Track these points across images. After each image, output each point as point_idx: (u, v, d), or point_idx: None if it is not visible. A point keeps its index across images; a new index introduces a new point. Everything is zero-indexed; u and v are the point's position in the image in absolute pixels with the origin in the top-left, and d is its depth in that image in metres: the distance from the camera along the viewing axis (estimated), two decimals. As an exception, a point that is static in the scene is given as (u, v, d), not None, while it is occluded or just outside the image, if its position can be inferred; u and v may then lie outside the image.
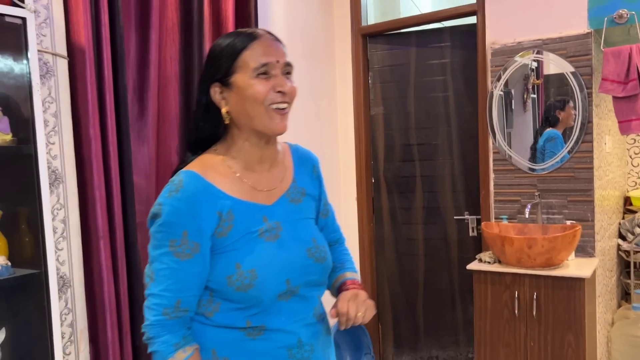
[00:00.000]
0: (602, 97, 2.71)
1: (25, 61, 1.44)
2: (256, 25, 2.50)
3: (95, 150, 1.76)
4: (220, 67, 1.08)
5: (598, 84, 2.54)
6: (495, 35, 2.77)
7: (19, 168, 1.47)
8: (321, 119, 3.19)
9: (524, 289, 2.42)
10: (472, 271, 2.56)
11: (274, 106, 1.08)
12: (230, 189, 1.09)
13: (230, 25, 2.40)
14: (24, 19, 1.41)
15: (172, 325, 1.04)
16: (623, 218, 3.51)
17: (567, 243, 2.35)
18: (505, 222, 2.73)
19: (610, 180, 3.12)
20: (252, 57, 1.06)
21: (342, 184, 3.35)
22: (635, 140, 3.91)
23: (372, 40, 3.27)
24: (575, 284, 2.31)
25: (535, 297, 2.39)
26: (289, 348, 1.10)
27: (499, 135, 2.78)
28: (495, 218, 2.82)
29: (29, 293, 1.49)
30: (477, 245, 3.00)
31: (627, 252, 3.28)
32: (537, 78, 2.66)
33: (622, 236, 3.39)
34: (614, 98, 2.45)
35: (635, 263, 3.30)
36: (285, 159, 1.22)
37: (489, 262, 2.56)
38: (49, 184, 1.62)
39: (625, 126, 2.44)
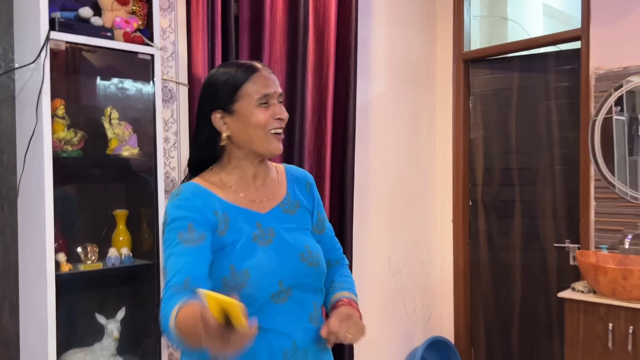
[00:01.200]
0: None
1: (151, 89, 1.77)
2: (355, 55, 2.70)
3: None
4: (223, 96, 1.21)
5: None
6: (600, 61, 2.70)
7: (143, 176, 1.80)
8: (421, 142, 3.30)
9: (619, 322, 2.32)
10: (564, 299, 2.50)
11: (273, 131, 1.21)
12: (225, 196, 1.21)
13: (332, 55, 2.62)
14: (152, 55, 1.75)
15: (181, 294, 1.05)
16: None
17: (668, 277, 2.22)
18: (604, 251, 2.63)
19: None
20: (254, 88, 1.20)
21: (439, 205, 3.42)
22: None
23: (474, 65, 3.33)
24: (677, 321, 2.17)
25: (631, 331, 2.28)
26: (284, 350, 1.16)
27: (600, 162, 2.69)
28: (595, 247, 2.72)
29: (145, 280, 1.81)
30: (577, 274, 2.90)
31: None
32: (644, 103, 2.56)
33: None
34: None
35: None
36: (280, 177, 1.34)
37: (582, 292, 2.48)
38: (167, 190, 1.94)
39: None
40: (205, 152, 1.26)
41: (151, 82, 1.78)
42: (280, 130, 1.23)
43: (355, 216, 2.73)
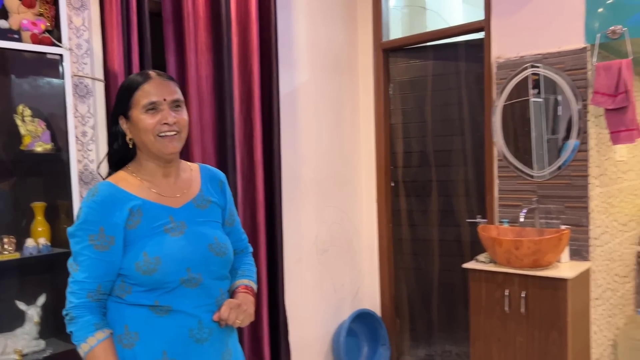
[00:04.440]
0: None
1: (63, 87, 1.86)
2: (276, 46, 2.83)
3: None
4: (122, 103, 1.37)
5: (594, 96, 2.65)
6: (501, 50, 2.94)
7: (58, 170, 1.90)
8: (344, 128, 3.48)
9: (513, 288, 2.59)
10: (468, 269, 2.75)
11: (162, 134, 1.34)
12: (139, 193, 1.36)
13: (255, 47, 2.74)
14: (61, 55, 1.83)
15: (95, 307, 1.30)
16: (647, 226, 3.51)
17: (552, 245, 2.50)
18: (506, 225, 2.89)
19: (625, 187, 3.17)
20: (142, 95, 1.34)
21: (363, 188, 3.63)
22: (667, 148, 3.87)
23: (393, 54, 3.53)
24: (559, 284, 2.45)
25: (523, 295, 2.55)
26: (190, 328, 1.33)
27: (502, 143, 2.94)
28: (499, 222, 2.98)
29: (64, 267, 1.90)
30: (485, 247, 3.17)
31: (646, 260, 3.31)
32: (540, 90, 2.81)
33: (643, 244, 3.41)
34: (606, 110, 2.56)
35: (657, 271, 3.32)
36: (193, 175, 1.49)
37: (484, 262, 2.74)
38: (86, 182, 2.05)
39: (615, 136, 2.55)
40: (119, 152, 1.42)
41: (62, 81, 1.87)
42: (171, 133, 1.35)
43: (285, 200, 2.90)
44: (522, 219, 2.75)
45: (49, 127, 1.88)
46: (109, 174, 1.43)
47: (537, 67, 2.79)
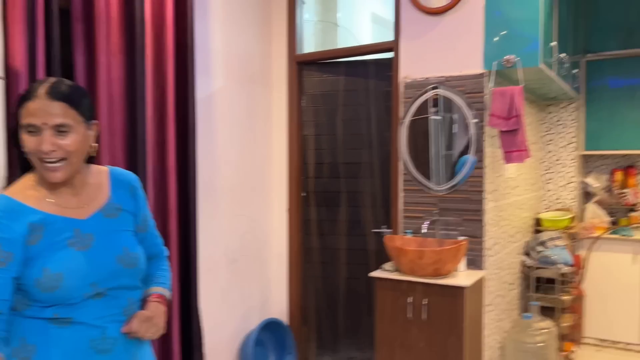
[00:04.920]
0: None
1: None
2: (192, 52, 2.79)
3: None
4: (15, 115, 1.29)
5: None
6: (408, 70, 3.12)
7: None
8: (257, 137, 3.50)
9: (416, 295, 2.75)
10: (374, 278, 2.88)
11: (43, 160, 1.26)
12: (40, 206, 1.29)
13: (170, 49, 2.68)
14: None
15: None
16: (531, 237, 3.87)
17: (452, 255, 2.68)
18: (409, 235, 3.06)
19: (513, 202, 3.48)
20: (24, 115, 1.25)
21: (275, 197, 3.66)
22: (549, 167, 4.30)
23: (306, 67, 3.61)
24: (457, 291, 2.64)
25: (425, 302, 2.71)
26: (91, 339, 1.29)
27: (407, 158, 3.11)
28: (403, 232, 3.14)
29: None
30: (390, 256, 3.33)
31: (529, 268, 3.64)
32: (440, 110, 3.01)
33: (527, 253, 3.76)
34: (500, 131, 2.81)
35: (539, 278, 3.66)
36: (102, 181, 1.42)
37: (390, 271, 2.88)
38: (-19, 187, 1.89)
39: (508, 156, 2.80)
40: (21, 160, 1.33)
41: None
42: (51, 160, 1.25)
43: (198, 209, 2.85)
44: (424, 230, 2.93)
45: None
46: (12, 180, 1.36)
47: (440, 88, 2.99)
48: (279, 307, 3.67)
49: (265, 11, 3.55)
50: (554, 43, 3.06)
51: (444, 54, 3.00)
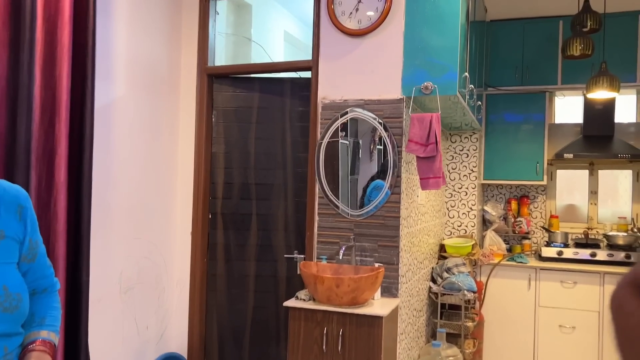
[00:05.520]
0: (413, 155, 3.06)
1: None
2: (93, 52, 2.48)
3: None
4: None
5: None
6: (326, 91, 3.03)
7: None
8: (160, 152, 3.20)
9: (331, 326, 2.60)
10: (288, 308, 2.70)
11: None
12: None
13: (66, 50, 2.36)
14: None
15: None
16: (437, 263, 3.92)
17: (370, 283, 2.59)
18: (324, 262, 2.93)
19: (423, 228, 3.49)
20: None
21: (178, 218, 3.37)
22: (452, 194, 4.42)
23: (218, 80, 3.40)
24: (374, 321, 2.54)
25: (340, 333, 2.58)
26: None
27: (324, 181, 3.00)
28: (318, 258, 3.01)
29: None
30: (303, 283, 3.17)
31: (437, 294, 3.66)
32: (358, 134, 2.95)
33: (434, 280, 3.78)
34: (417, 157, 2.79)
35: (442, 304, 3.69)
36: None
37: (304, 300, 2.72)
38: None
39: (424, 182, 2.79)
40: None
41: None
42: None
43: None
44: (340, 257, 2.81)
45: None
46: None
47: (358, 112, 2.93)
48: (178, 340, 3.35)
49: (176, 18, 3.30)
50: (466, 74, 3.13)
51: (363, 77, 2.95)
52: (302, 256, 3.22)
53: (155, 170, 3.16)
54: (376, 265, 2.84)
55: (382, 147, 2.90)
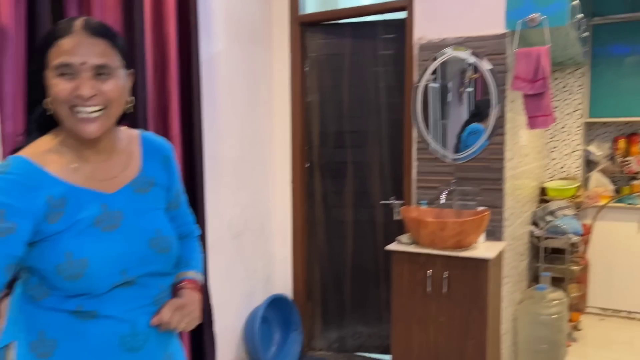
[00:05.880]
0: (517, 93, 2.92)
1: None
2: (195, 9, 2.54)
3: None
4: (38, 58, 1.06)
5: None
6: (423, 31, 2.93)
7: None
8: (259, 104, 3.28)
9: (436, 269, 2.62)
10: (391, 251, 2.73)
11: (76, 109, 1.05)
12: (63, 174, 1.07)
13: (171, 5, 2.43)
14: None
15: None
16: (538, 207, 3.78)
17: (475, 227, 2.55)
18: (424, 207, 2.92)
19: (525, 171, 3.36)
20: (56, 54, 1.03)
21: (277, 168, 3.47)
22: (554, 135, 4.20)
23: (310, 29, 3.38)
24: (480, 264, 2.52)
25: (445, 276, 2.59)
26: (121, 335, 1.10)
27: (421, 125, 2.95)
28: (417, 203, 3.00)
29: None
30: (400, 228, 3.18)
31: (538, 238, 3.56)
32: (458, 75, 2.84)
33: (535, 223, 3.67)
34: (524, 95, 2.66)
35: (545, 248, 3.58)
36: (133, 148, 1.21)
37: (407, 244, 2.74)
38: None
39: (532, 121, 2.66)
40: (38, 115, 1.10)
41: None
42: (87, 110, 1.04)
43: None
44: (442, 201, 2.78)
45: None
46: (29, 140, 1.10)
47: (457, 51, 2.81)
48: (283, 283, 3.52)
49: (266, -33, 3.29)
50: (575, 2, 2.90)
51: (462, 13, 2.82)
52: (400, 202, 3.23)
53: (255, 122, 3.25)
54: (479, 208, 2.79)
55: (484, 87, 2.78)
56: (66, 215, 1.06)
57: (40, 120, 1.11)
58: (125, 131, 1.22)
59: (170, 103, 2.39)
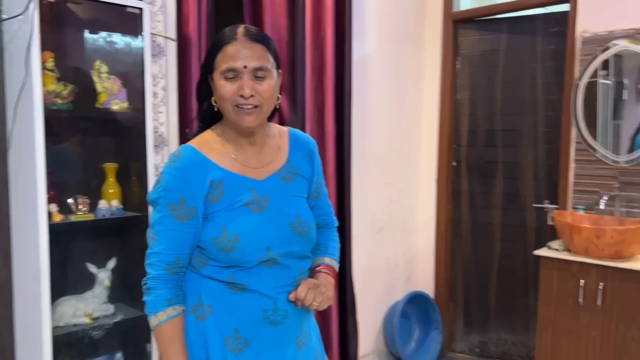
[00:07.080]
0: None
1: (140, 44, 1.77)
2: (350, 11, 2.68)
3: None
4: (208, 62, 1.25)
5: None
6: (588, 23, 2.73)
7: (132, 131, 1.82)
8: (407, 101, 3.33)
9: (590, 279, 2.43)
10: (539, 257, 2.60)
11: (240, 105, 1.21)
12: (222, 162, 1.25)
13: (329, 9, 2.59)
14: (141, 9, 1.74)
15: (171, 280, 1.23)
16: None
17: (639, 236, 2.32)
18: (581, 212, 2.72)
19: None
20: (222, 59, 1.21)
21: (423, 165, 3.48)
22: None
23: (463, 25, 3.33)
24: (644, 278, 2.29)
25: (601, 287, 2.39)
26: (265, 309, 1.24)
27: (582, 125, 2.75)
28: (573, 208, 2.81)
29: (135, 231, 1.85)
30: (554, 234, 3.00)
31: None
32: (626, 71, 2.59)
33: None
34: None
35: None
36: (282, 142, 1.36)
37: (558, 250, 2.59)
38: (156, 145, 1.97)
39: None
40: (204, 111, 1.31)
41: (140, 37, 1.78)
42: (248, 106, 1.22)
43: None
44: (602, 206, 2.57)
45: (124, 86, 1.80)
46: (197, 132, 1.32)
47: (626, 44, 2.57)
48: (424, 281, 3.53)
49: (421, -34, 3.32)
50: None
51: (633, 2, 2.56)
52: (554, 206, 3.04)
53: (402, 119, 3.30)
54: (646, 217, 2.53)
55: (657, 83, 2.51)
56: (224, 197, 1.23)
57: (205, 115, 1.31)
58: (274, 126, 1.39)
59: (326, 102, 2.56)
